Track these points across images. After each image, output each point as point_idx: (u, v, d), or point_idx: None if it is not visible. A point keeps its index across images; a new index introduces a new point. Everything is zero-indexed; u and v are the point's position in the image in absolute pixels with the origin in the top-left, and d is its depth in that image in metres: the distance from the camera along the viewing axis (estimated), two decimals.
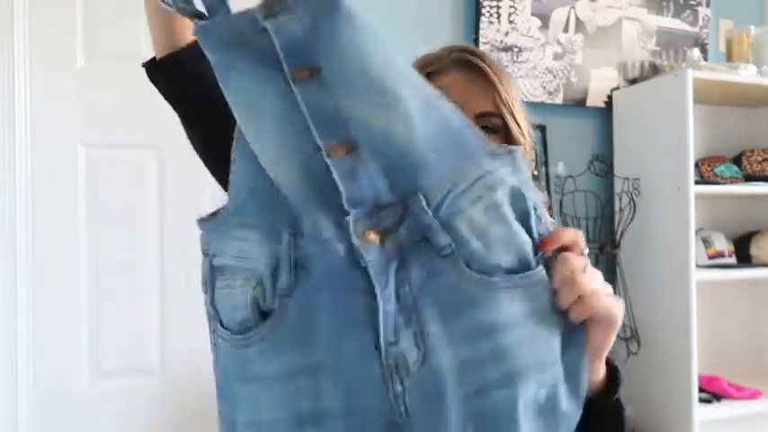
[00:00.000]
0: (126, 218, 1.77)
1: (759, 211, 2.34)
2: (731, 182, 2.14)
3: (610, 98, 2.21)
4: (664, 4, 2.30)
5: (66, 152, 1.71)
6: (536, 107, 2.07)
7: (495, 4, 2.05)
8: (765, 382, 2.10)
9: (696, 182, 1.94)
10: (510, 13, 2.07)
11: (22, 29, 1.66)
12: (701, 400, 1.89)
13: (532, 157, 0.84)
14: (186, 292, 1.81)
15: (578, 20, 2.18)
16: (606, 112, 2.21)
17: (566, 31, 2.16)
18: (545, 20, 2.13)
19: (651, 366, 2.01)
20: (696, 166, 2.14)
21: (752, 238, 2.23)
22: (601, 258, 2.13)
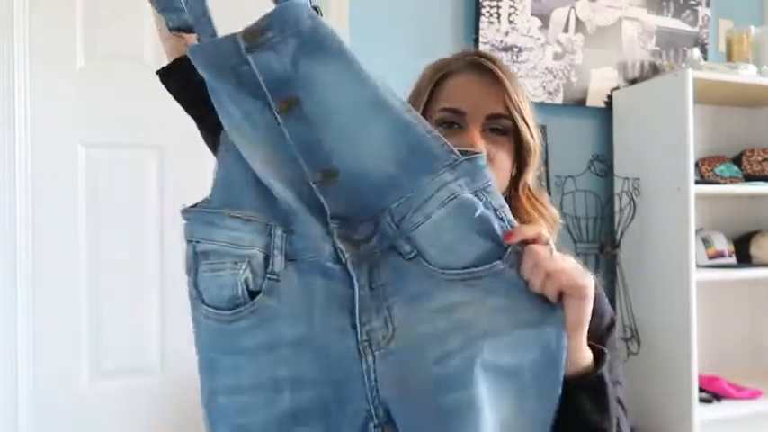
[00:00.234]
0: (126, 218, 1.77)
1: (759, 211, 2.34)
2: (731, 182, 2.14)
3: (610, 98, 2.21)
4: (664, 4, 2.30)
5: (67, 152, 1.71)
6: (536, 107, 2.02)
7: (495, 4, 2.05)
8: (765, 382, 2.10)
9: (696, 182, 1.94)
10: (510, 13, 2.07)
11: (22, 29, 1.66)
12: (701, 400, 1.89)
13: (540, 159, 0.88)
14: (186, 292, 1.81)
15: (578, 20, 2.18)
16: (606, 112, 2.21)
17: (566, 31, 2.16)
18: (545, 20, 2.13)
19: (651, 366, 2.01)
20: (696, 166, 2.13)
21: (752, 238, 2.23)
22: (601, 258, 2.13)
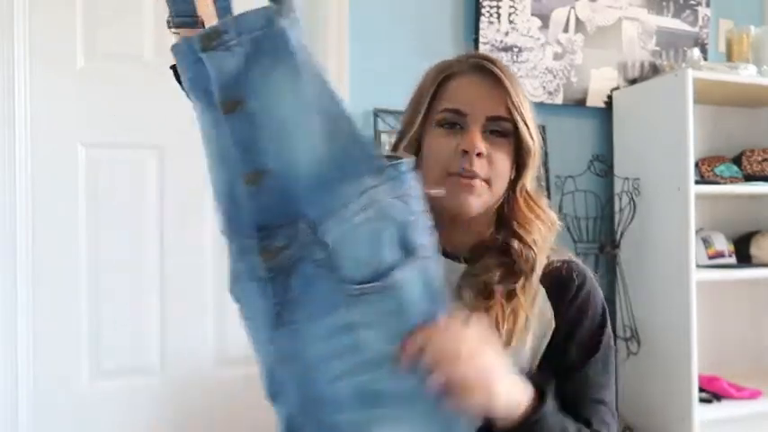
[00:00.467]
0: (126, 218, 1.76)
1: (759, 211, 2.34)
2: (731, 182, 2.15)
3: (610, 98, 2.21)
4: (664, 4, 2.30)
5: (67, 152, 1.71)
6: (536, 107, 2.02)
7: (495, 4, 2.05)
8: (765, 382, 2.10)
9: (696, 182, 1.94)
10: (510, 13, 2.07)
11: (22, 29, 1.65)
12: (701, 400, 1.89)
13: (540, 160, 0.88)
14: (186, 292, 1.82)
15: (578, 20, 2.18)
16: (606, 112, 2.21)
17: (566, 31, 2.16)
18: (545, 20, 2.13)
19: (651, 366, 2.01)
20: (696, 166, 2.14)
21: (752, 238, 2.23)
22: (601, 258, 2.13)
